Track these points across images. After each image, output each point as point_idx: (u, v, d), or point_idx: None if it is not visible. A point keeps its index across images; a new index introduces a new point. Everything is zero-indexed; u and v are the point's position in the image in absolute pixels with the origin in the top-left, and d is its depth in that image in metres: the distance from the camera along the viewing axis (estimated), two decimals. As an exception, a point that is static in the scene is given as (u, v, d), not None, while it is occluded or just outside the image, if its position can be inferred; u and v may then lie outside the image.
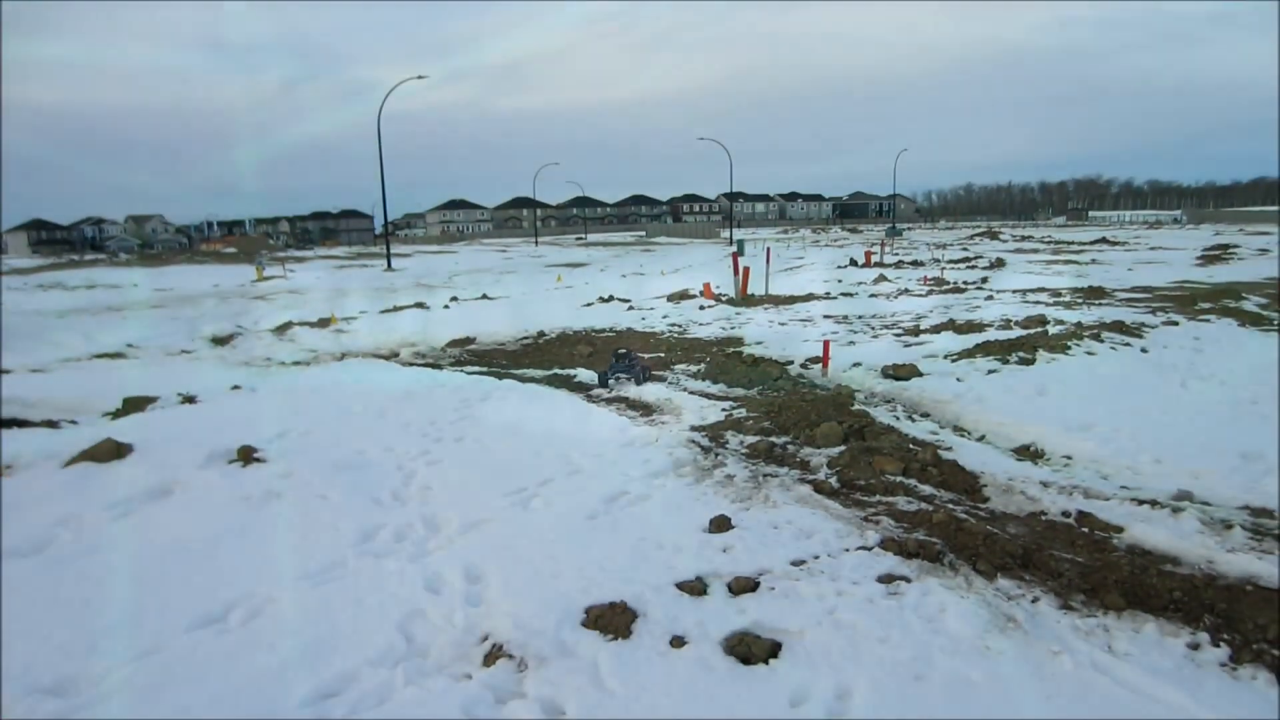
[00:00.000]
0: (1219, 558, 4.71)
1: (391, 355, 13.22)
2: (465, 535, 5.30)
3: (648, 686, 3.62)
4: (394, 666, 3.86)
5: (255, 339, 15.28)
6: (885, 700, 3.47)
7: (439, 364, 12.09)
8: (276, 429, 7.63)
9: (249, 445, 6.81)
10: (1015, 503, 5.77)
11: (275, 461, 6.65)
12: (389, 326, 16.33)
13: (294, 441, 7.30)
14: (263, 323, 17.66)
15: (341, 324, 16.91)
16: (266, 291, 28.13)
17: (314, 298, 24.99)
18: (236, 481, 6.21)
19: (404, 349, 13.78)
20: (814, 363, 10.52)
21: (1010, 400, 8.38)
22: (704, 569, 4.61)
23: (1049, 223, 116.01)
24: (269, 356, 13.46)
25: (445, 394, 9.27)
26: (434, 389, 9.57)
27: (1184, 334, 12.31)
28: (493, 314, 17.87)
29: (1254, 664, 3.71)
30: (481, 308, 19.90)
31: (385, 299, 23.67)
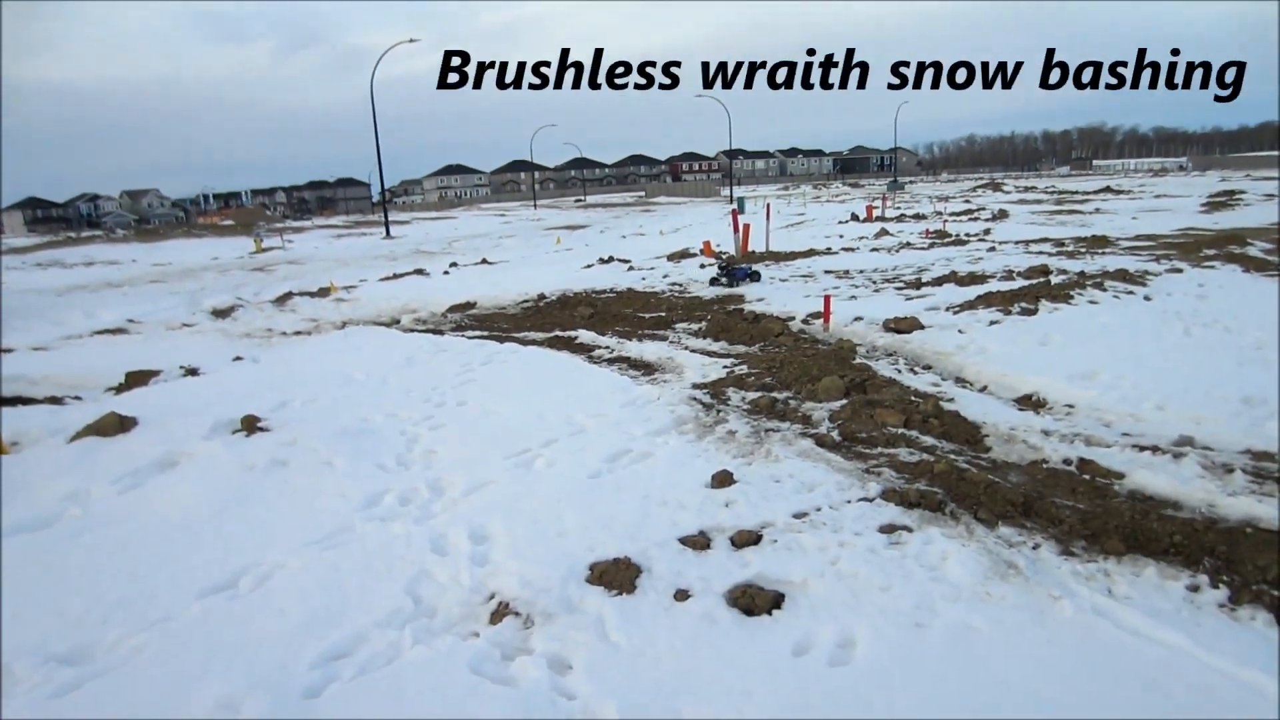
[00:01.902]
0: (1220, 501, 4.73)
1: (393, 322, 13.22)
2: (470, 497, 5.34)
3: (653, 640, 3.66)
4: (402, 627, 3.91)
5: (256, 310, 15.27)
6: (887, 648, 3.51)
7: (440, 329, 12.07)
8: (279, 398, 7.66)
9: (252, 415, 6.84)
10: (1017, 451, 5.79)
11: (279, 430, 6.68)
12: (389, 294, 16.29)
13: (297, 410, 7.33)
14: (263, 294, 17.63)
15: (342, 292, 16.89)
16: (265, 263, 28.05)
17: (313, 268, 24.93)
18: (241, 451, 6.25)
19: (405, 316, 13.77)
20: (815, 318, 10.50)
21: (1012, 351, 8.37)
22: (707, 524, 4.64)
23: (1053, 173, 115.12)
24: (270, 327, 13.46)
25: (447, 359, 9.28)
26: (436, 354, 9.58)
27: (1188, 281, 12.25)
28: (493, 278, 17.82)
29: (1253, 604, 3.74)
30: (481, 272, 19.84)
31: (385, 266, 23.61)
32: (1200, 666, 3.32)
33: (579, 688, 3.41)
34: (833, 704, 3.20)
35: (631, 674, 3.46)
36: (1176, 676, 3.26)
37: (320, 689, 3.47)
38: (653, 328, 11.09)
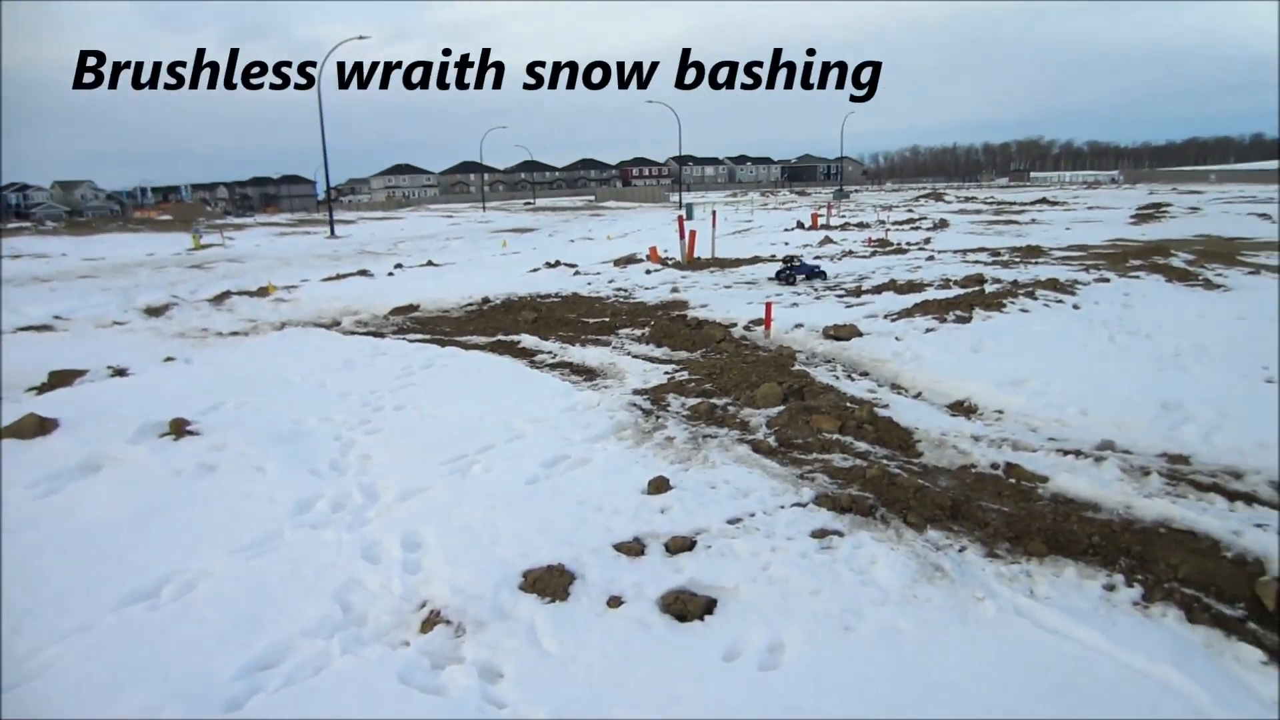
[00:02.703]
0: (1136, 503, 4.88)
1: (333, 324, 13.01)
2: (404, 503, 5.28)
3: (584, 646, 3.66)
4: (330, 636, 3.85)
5: (191, 309, 14.90)
6: (816, 651, 3.56)
7: (381, 332, 11.92)
8: (211, 401, 7.50)
9: (181, 418, 6.69)
10: (947, 456, 5.91)
11: (209, 434, 6.54)
12: (331, 295, 16.04)
13: (229, 413, 7.18)
14: (200, 292, 17.22)
15: (281, 292, 16.58)
16: (204, 260, 27.40)
17: (254, 266, 24.43)
18: (168, 455, 6.10)
19: (346, 317, 13.56)
20: (757, 325, 10.59)
21: (946, 358, 8.53)
22: (642, 530, 4.65)
23: (992, 183, 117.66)
24: (205, 327, 13.15)
25: (387, 362, 9.17)
26: (375, 358, 9.46)
27: (1114, 290, 12.61)
28: (438, 281, 17.65)
29: (1164, 602, 3.87)
30: (426, 275, 19.64)
31: (328, 266, 23.25)
32: (1114, 663, 3.42)
33: (509, 696, 3.40)
34: (760, 707, 3.23)
35: (562, 681, 3.45)
36: (1091, 673, 3.35)
37: (243, 701, 3.41)
38: (596, 333, 11.08)
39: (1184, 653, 3.50)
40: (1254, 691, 3.30)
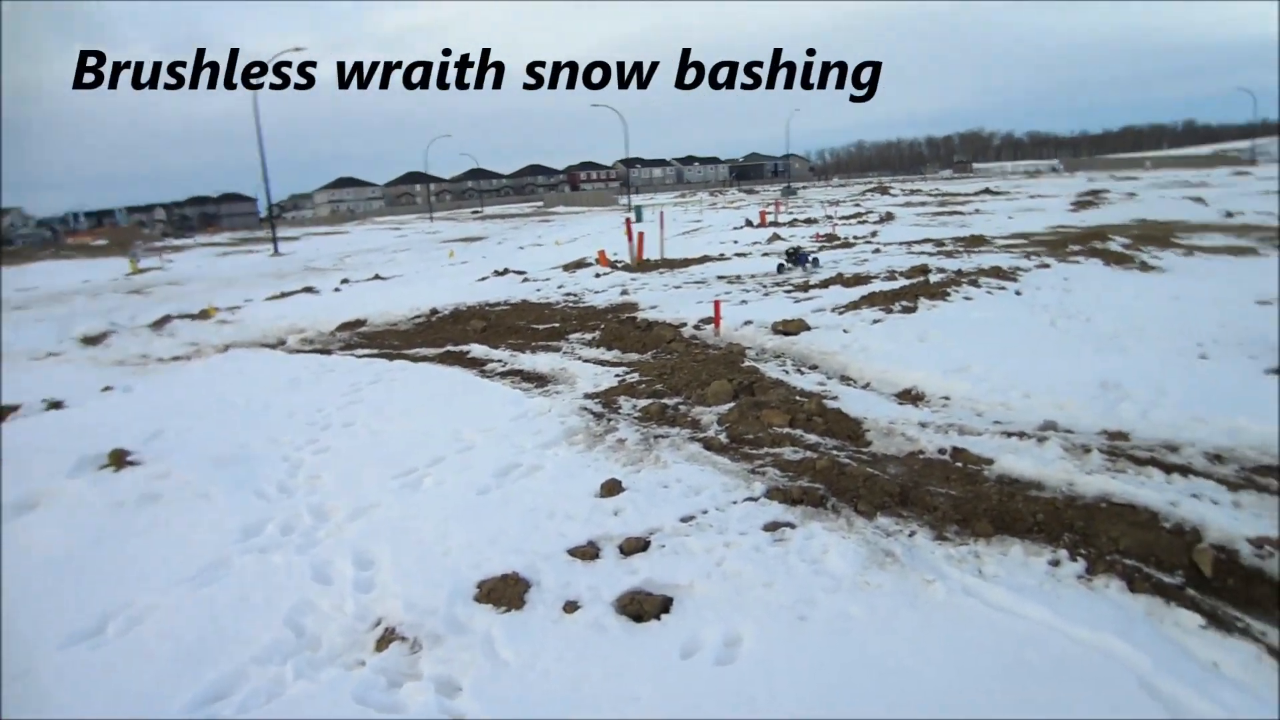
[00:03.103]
0: (1078, 480, 4.99)
1: (278, 343, 12.80)
2: (355, 521, 5.22)
3: (541, 653, 3.65)
4: (283, 662, 3.80)
5: (131, 336, 14.54)
6: (771, 643, 3.59)
7: (328, 349, 11.76)
8: (152, 429, 7.34)
9: (121, 448, 6.54)
10: (895, 444, 5.99)
11: (151, 463, 6.40)
12: (276, 314, 15.78)
13: (171, 440, 7.04)
14: (139, 318, 16.80)
15: (224, 314, 16.28)
16: (143, 284, 26.80)
17: (195, 288, 23.94)
18: (109, 487, 5.96)
19: (292, 336, 13.36)
20: (707, 323, 10.64)
21: (893, 348, 8.65)
22: (595, 533, 4.65)
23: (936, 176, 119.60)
24: (146, 353, 12.85)
25: (334, 379, 9.06)
26: (322, 375, 9.34)
27: (1055, 276, 12.89)
28: (385, 294, 17.45)
29: (1106, 574, 3.96)
30: (373, 289, 19.41)
31: (272, 285, 22.86)
32: (1060, 636, 3.49)
33: (468, 708, 3.38)
34: (718, 702, 3.24)
35: (521, 690, 3.44)
36: (1039, 648, 3.42)
37: (195, 732, 3.34)
38: (546, 339, 11.05)
39: (1127, 622, 3.59)
40: (1194, 655, 3.40)
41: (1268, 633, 3.61)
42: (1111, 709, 3.05)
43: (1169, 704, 3.07)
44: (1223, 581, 4.00)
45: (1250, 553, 4.13)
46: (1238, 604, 3.85)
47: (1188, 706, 3.06)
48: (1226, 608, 3.80)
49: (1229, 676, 3.27)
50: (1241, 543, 4.20)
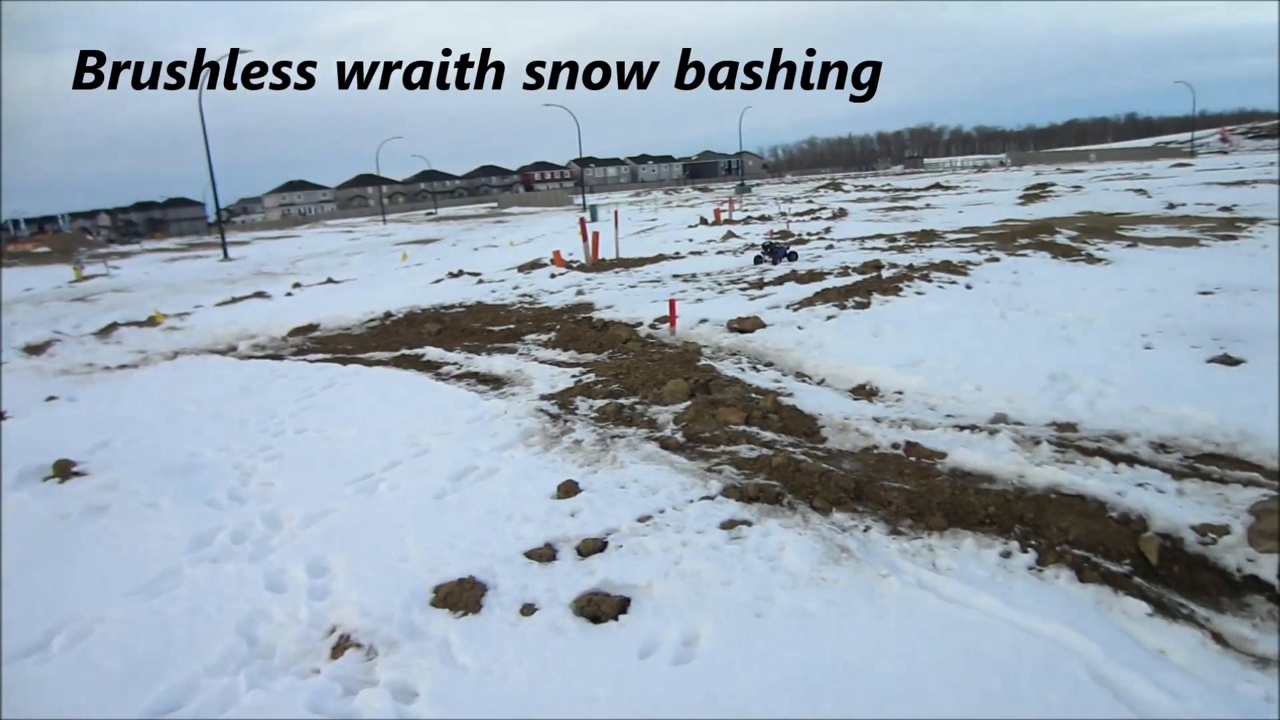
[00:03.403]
0: (1028, 471, 5.08)
1: (229, 350, 12.57)
2: (308, 529, 5.15)
3: (499, 657, 3.63)
4: (236, 672, 3.74)
5: (76, 344, 14.17)
6: (729, 640, 3.61)
7: (280, 355, 11.59)
8: (98, 439, 7.17)
9: (66, 459, 6.38)
10: (850, 440, 6.05)
11: (97, 474, 6.25)
12: (227, 319, 15.50)
13: (118, 450, 6.89)
14: (84, 326, 16.40)
15: (173, 320, 15.96)
16: (87, 292, 26.14)
17: (142, 295, 23.42)
18: (53, 500, 5.82)
19: (243, 342, 13.13)
20: (662, 322, 10.66)
21: (847, 343, 8.74)
22: (552, 535, 4.64)
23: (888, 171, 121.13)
24: (91, 362, 12.54)
25: (286, 385, 8.92)
26: (274, 381, 9.19)
27: (1004, 269, 13.13)
28: (338, 298, 17.24)
29: (1057, 564, 4.04)
30: (326, 292, 19.16)
31: (222, 290, 22.46)
32: (1011, 627, 3.55)
33: (425, 714, 3.35)
34: (677, 701, 3.25)
35: (478, 694, 3.42)
36: (991, 638, 3.48)
37: (143, 747, 3.27)
38: (502, 341, 10.99)
39: (1076, 611, 3.67)
40: (1141, 642, 3.48)
41: (1211, 618, 3.71)
42: (1061, 697, 3.11)
43: (1117, 691, 3.14)
44: (1168, 569, 4.10)
45: (1194, 540, 4.24)
46: (1183, 591, 3.95)
47: (1134, 693, 3.13)
48: (1172, 595, 3.90)
49: (1175, 662, 3.35)
50: (1186, 530, 4.31)
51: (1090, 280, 11.85)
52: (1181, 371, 7.05)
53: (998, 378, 7.05)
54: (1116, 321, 8.99)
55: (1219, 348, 7.61)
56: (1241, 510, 4.45)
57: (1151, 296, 10.28)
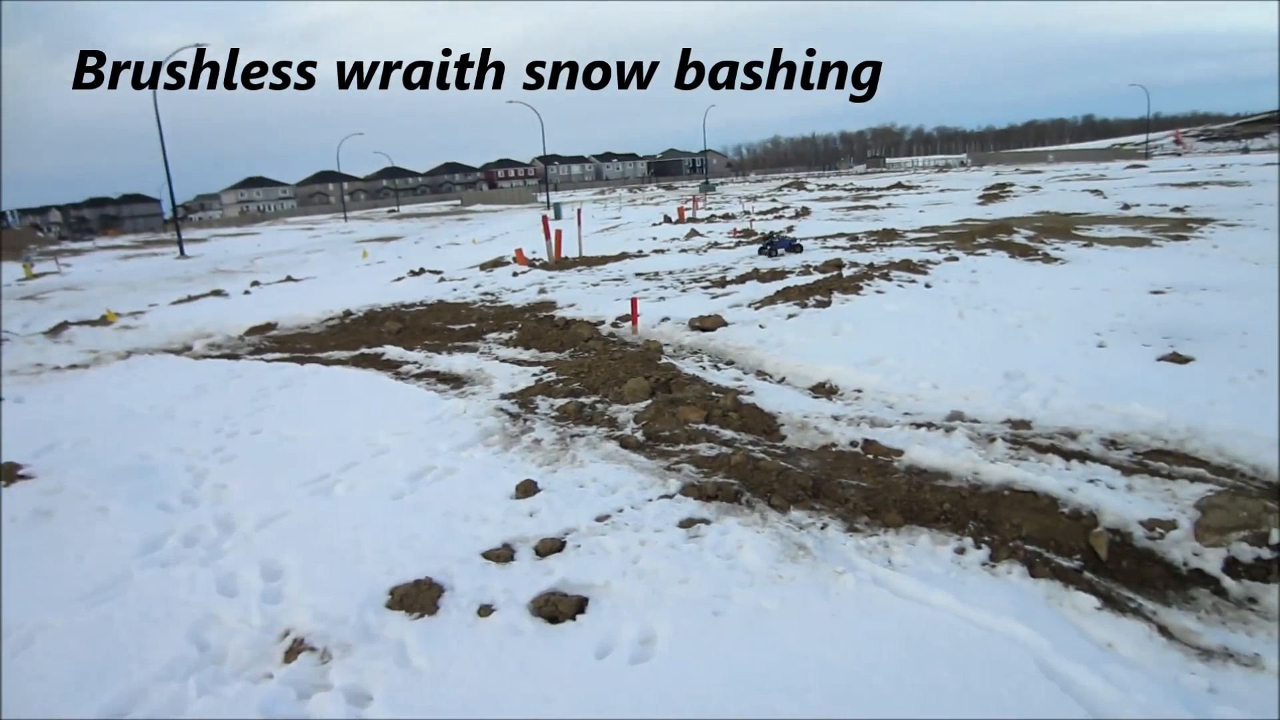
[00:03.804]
0: (983, 468, 5.15)
1: (184, 349, 12.36)
2: (262, 531, 5.07)
3: (455, 659, 3.60)
4: (185, 678, 3.67)
5: (24, 344, 13.85)
6: (686, 639, 3.61)
7: (237, 354, 11.41)
8: (46, 441, 7.01)
9: (12, 462, 6.23)
10: (809, 438, 6.09)
11: (44, 477, 6.11)
12: (182, 318, 15.24)
13: (66, 453, 6.73)
14: (33, 325, 16.02)
15: (127, 319, 15.65)
16: (37, 290, 25.55)
17: (95, 294, 22.94)
18: (-3, 503, 5.67)
19: (198, 341, 12.91)
20: (625, 321, 10.65)
21: (808, 342, 8.79)
22: (510, 535, 4.62)
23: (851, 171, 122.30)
24: (40, 362, 12.24)
25: (242, 385, 8.79)
26: (229, 381, 9.05)
27: (963, 268, 13.29)
28: (297, 296, 17.02)
29: (1009, 560, 4.10)
30: (285, 290, 18.91)
31: (178, 289, 22.07)
32: (964, 622, 3.60)
33: (379, 717, 3.31)
34: (634, 700, 3.25)
35: (434, 697, 3.39)
36: (944, 634, 3.52)
37: (88, 756, 3.20)
38: (463, 339, 10.91)
39: (1027, 606, 3.72)
40: (1090, 636, 3.54)
41: (1158, 612, 3.77)
42: (1011, 691, 3.15)
43: (1065, 684, 3.19)
44: (1117, 563, 4.17)
45: (1143, 535, 4.32)
46: (1131, 585, 4.02)
47: (1082, 686, 3.18)
48: (1120, 589, 3.97)
49: (1122, 655, 3.41)
50: (1135, 525, 4.39)
51: (1047, 279, 12.03)
52: (1133, 369, 7.18)
53: (955, 376, 7.13)
54: (1071, 320, 9.13)
55: (1169, 346, 7.77)
56: (1188, 505, 4.53)
57: (1105, 296, 10.46)
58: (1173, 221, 19.42)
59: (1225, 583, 3.98)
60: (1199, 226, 17.90)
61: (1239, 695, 3.18)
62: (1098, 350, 7.92)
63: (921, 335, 8.73)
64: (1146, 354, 7.64)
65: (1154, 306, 9.69)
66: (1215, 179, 34.94)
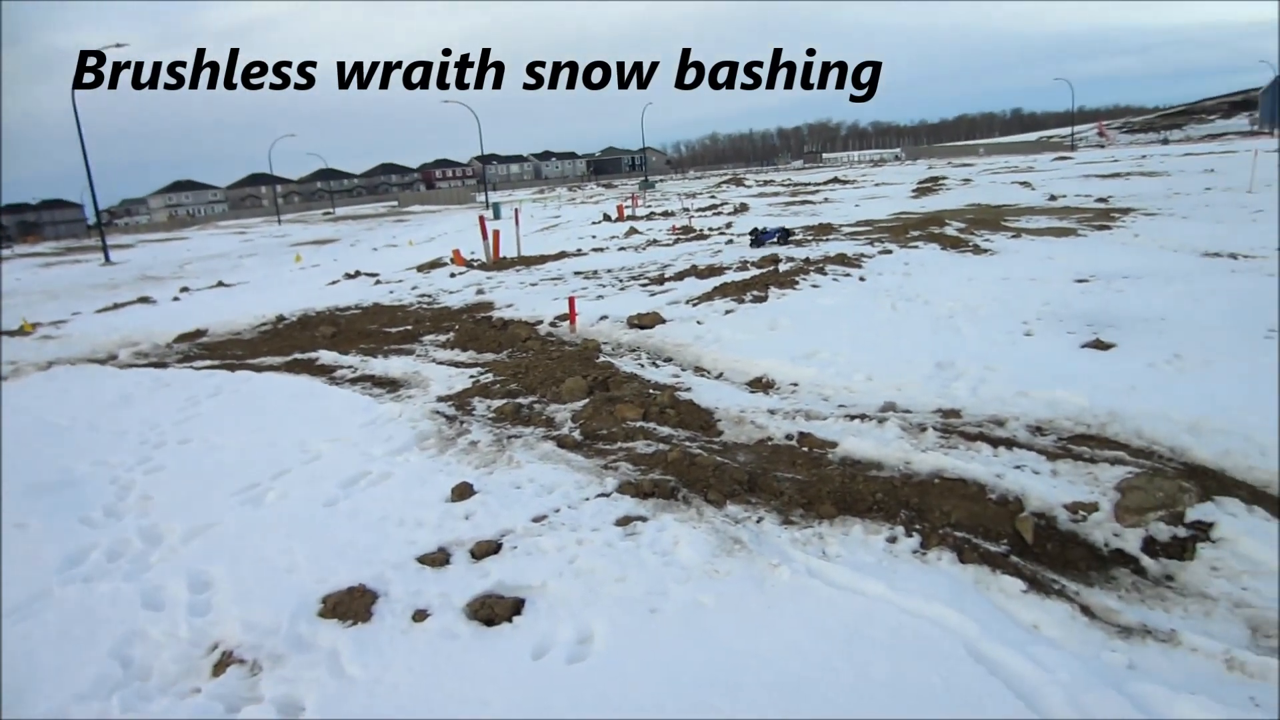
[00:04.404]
0: (914, 458, 5.24)
1: (109, 358, 11.98)
2: (190, 543, 4.95)
3: (390, 666, 3.56)
4: (108, 696, 3.57)
5: (-63, 358, 13.32)
6: (623, 637, 3.61)
7: (165, 362, 11.10)
8: (-42, 457, 6.74)
9: (-78, 479, 5.97)
10: (746, 432, 6.13)
11: (-43, 493, 5.87)
12: (108, 326, 14.77)
13: (-19, 468, 6.48)
14: (-53, 337, 15.43)
15: (48, 329, 15.13)
16: (-48, 302, 24.58)
17: (14, 303, 22.14)
18: (-94, 523, 5.43)
19: (124, 350, 12.51)
20: (563, 320, 10.61)
21: (745, 337, 8.86)
22: (446, 539, 4.57)
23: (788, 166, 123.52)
24: (-46, 375, 11.79)
25: (169, 394, 8.56)
26: (157, 390, 8.80)
27: (896, 261, 13.52)
28: (228, 302, 16.63)
29: (939, 547, 4.18)
30: (216, 296, 18.45)
31: (103, 296, 21.39)
32: (896, 610, 3.66)
33: (312, 728, 3.25)
34: (571, 700, 3.24)
35: (368, 704, 3.35)
36: (877, 621, 3.57)
37: (5, 782, 3.09)
38: (399, 342, 10.77)
39: (957, 591, 3.80)
40: (1016, 618, 3.63)
41: (1080, 592, 3.89)
42: (941, 676, 3.21)
43: (993, 666, 3.26)
44: (1042, 547, 4.28)
45: (1066, 518, 4.45)
46: (1055, 567, 4.13)
47: (1008, 667, 3.25)
48: (1045, 571, 4.08)
49: (1046, 636, 3.50)
50: (1059, 509, 4.51)
51: (977, 270, 12.29)
52: (1058, 357, 7.37)
53: (888, 367, 7.25)
54: (1000, 310, 9.35)
55: (1092, 333, 8.00)
56: (1109, 488, 4.67)
57: (1032, 285, 10.73)
58: (1097, 212, 20.02)
59: (1144, 562, 4.12)
60: (1121, 216, 18.48)
61: (1157, 670, 3.29)
62: (1025, 339, 8.11)
63: (856, 328, 8.86)
64: (1071, 341, 7.85)
65: (1078, 295, 9.97)
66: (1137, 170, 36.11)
